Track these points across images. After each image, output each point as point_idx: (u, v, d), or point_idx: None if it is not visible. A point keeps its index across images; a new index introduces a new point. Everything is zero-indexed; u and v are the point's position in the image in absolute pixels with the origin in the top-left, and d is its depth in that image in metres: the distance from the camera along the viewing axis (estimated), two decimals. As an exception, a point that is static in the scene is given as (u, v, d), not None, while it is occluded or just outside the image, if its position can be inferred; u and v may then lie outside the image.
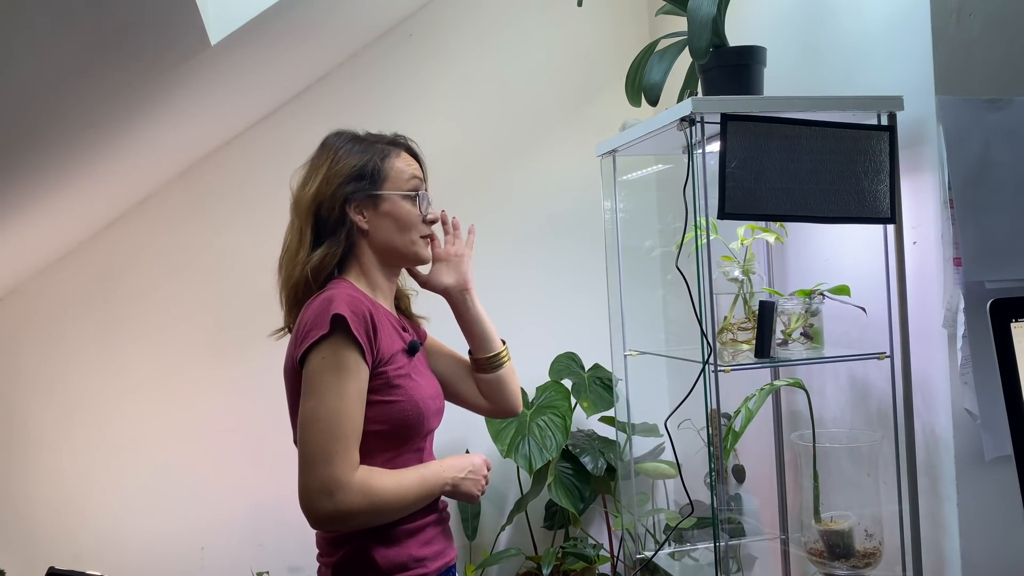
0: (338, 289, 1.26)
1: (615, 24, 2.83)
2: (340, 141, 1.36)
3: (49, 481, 2.45)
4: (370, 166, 1.32)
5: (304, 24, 2.10)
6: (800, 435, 1.76)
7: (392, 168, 1.34)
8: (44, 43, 1.33)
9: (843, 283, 1.70)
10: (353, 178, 1.31)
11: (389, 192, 1.33)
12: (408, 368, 1.30)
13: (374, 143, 1.37)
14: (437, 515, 1.36)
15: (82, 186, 2.14)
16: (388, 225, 1.33)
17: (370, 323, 1.23)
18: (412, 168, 1.38)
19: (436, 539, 1.34)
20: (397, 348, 1.30)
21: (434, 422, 1.35)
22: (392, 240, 1.34)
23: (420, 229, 1.37)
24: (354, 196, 1.31)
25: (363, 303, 1.24)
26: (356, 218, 1.32)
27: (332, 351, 1.19)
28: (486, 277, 2.75)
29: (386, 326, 1.30)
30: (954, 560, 1.57)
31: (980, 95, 1.58)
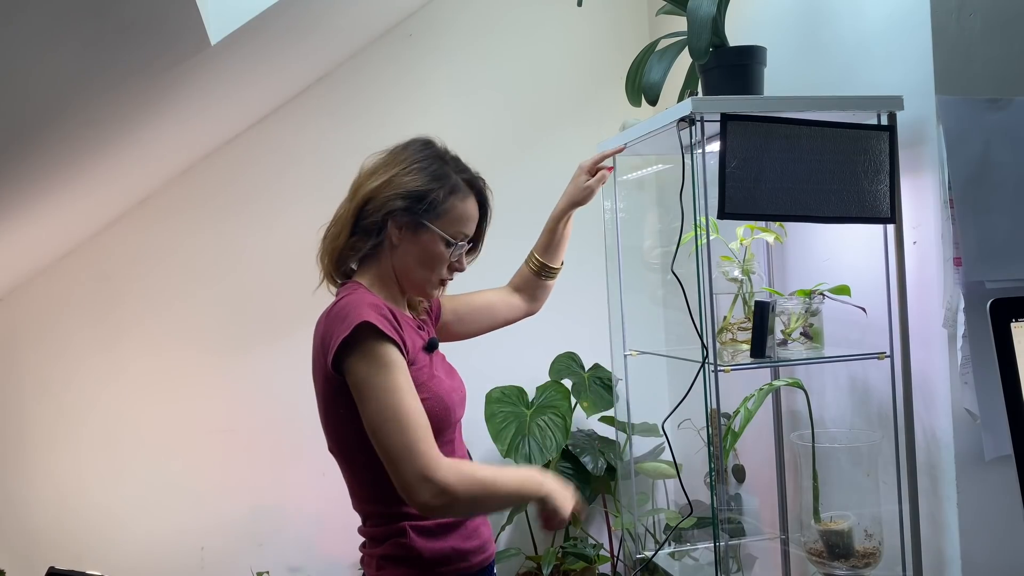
0: (355, 296, 1.27)
1: (615, 24, 2.83)
2: (423, 153, 1.36)
3: (49, 481, 2.45)
4: (432, 195, 1.31)
5: (304, 24, 2.10)
6: (800, 435, 1.76)
7: (452, 208, 1.34)
8: (44, 43, 1.33)
9: (843, 283, 1.70)
10: (413, 197, 1.31)
11: (436, 229, 1.32)
12: (431, 365, 1.32)
13: (452, 173, 1.36)
14: None
15: (82, 186, 2.14)
16: (415, 254, 1.33)
17: (394, 319, 1.25)
18: (469, 220, 1.37)
19: (478, 533, 1.35)
20: (419, 346, 1.32)
21: (459, 411, 1.37)
22: (411, 268, 1.34)
23: (441, 272, 1.36)
24: (403, 212, 1.31)
25: (386, 305, 1.27)
26: (393, 232, 1.32)
27: (371, 354, 1.20)
28: (486, 277, 2.76)
29: (407, 326, 1.32)
30: (954, 560, 1.57)
31: (980, 95, 1.58)
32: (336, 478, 1.37)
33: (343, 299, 1.27)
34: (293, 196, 2.60)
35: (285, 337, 2.55)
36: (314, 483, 2.51)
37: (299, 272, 2.52)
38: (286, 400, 2.51)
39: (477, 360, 1.79)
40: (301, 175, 2.61)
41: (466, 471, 1.20)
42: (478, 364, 1.74)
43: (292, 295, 2.53)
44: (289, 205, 2.60)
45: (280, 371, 2.55)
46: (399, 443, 1.16)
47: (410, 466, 1.16)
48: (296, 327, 2.52)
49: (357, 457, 1.27)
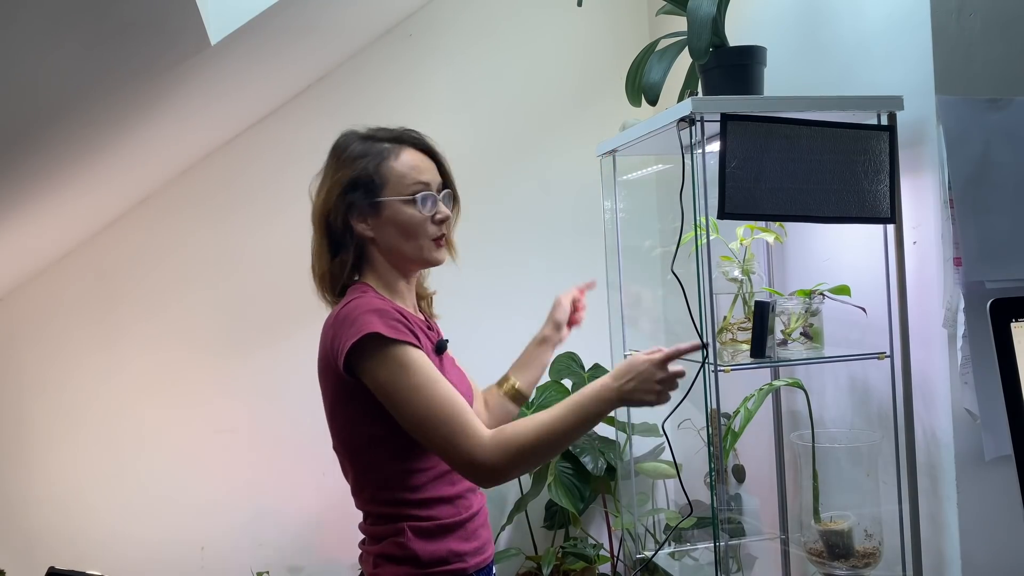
0: (362, 298, 1.26)
1: (615, 24, 2.83)
2: (345, 143, 1.36)
3: (49, 481, 2.45)
4: (365, 174, 1.30)
5: (304, 24, 2.10)
6: (800, 435, 1.76)
7: (391, 172, 1.31)
8: (44, 43, 1.33)
9: (843, 283, 1.70)
10: (350, 187, 1.30)
11: (389, 198, 1.30)
12: (440, 367, 1.30)
13: (378, 141, 1.35)
14: (479, 508, 1.37)
15: (82, 186, 2.14)
16: (392, 232, 1.31)
17: (404, 319, 1.24)
18: (415, 170, 1.33)
19: (477, 534, 1.34)
20: (428, 348, 1.30)
21: None
22: (399, 246, 1.32)
23: (428, 231, 1.33)
24: (355, 205, 1.30)
25: (390, 304, 1.26)
26: (359, 227, 1.31)
27: (387, 358, 1.19)
28: (486, 277, 2.76)
29: (417, 327, 1.30)
30: (954, 560, 1.57)
31: (980, 95, 1.58)
32: (336, 478, 1.37)
33: (350, 302, 1.26)
34: (293, 196, 2.57)
35: (285, 337, 2.55)
36: (314, 483, 2.51)
37: (299, 272, 2.52)
38: (286, 400, 2.51)
39: (477, 360, 1.79)
40: (301, 175, 2.57)
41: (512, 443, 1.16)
42: (478, 364, 1.73)
43: (292, 295, 2.52)
44: (289, 205, 2.59)
45: (280, 371, 2.55)
46: (439, 440, 1.18)
47: (455, 458, 1.18)
48: (296, 327, 2.52)
49: (361, 457, 1.27)
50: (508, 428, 1.19)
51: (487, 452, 1.16)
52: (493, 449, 1.17)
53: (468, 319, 2.67)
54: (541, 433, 1.18)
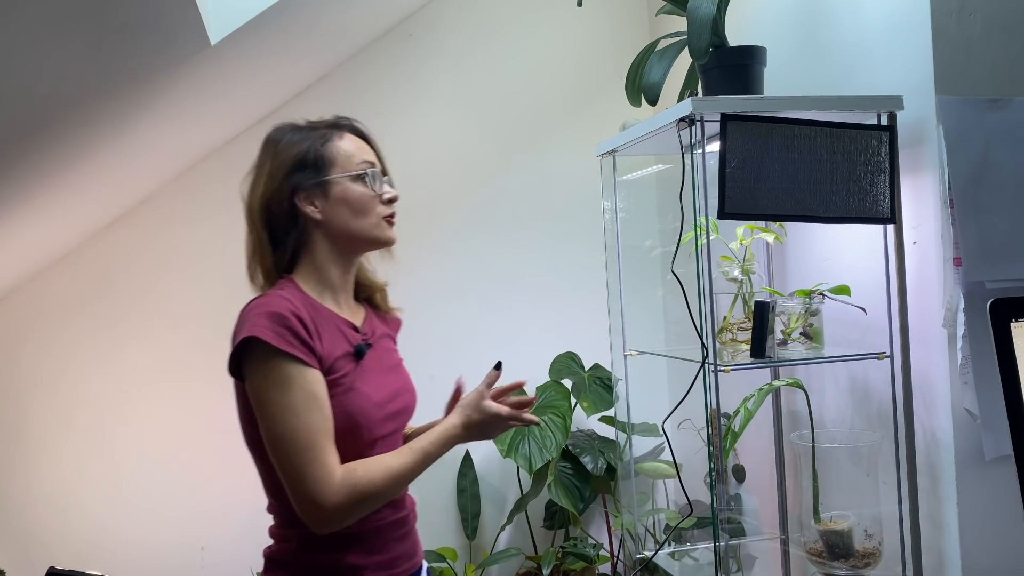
0: (267, 297, 1.20)
1: (615, 24, 2.83)
2: (279, 134, 1.31)
3: (49, 481, 2.45)
4: (312, 152, 1.26)
5: (304, 24, 2.10)
6: (800, 435, 1.76)
7: (338, 151, 1.27)
8: (44, 43, 1.33)
9: (843, 283, 1.70)
10: (297, 167, 1.25)
11: (338, 176, 1.26)
12: (352, 375, 1.22)
13: (315, 129, 1.31)
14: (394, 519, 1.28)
15: (82, 186, 2.14)
16: (343, 211, 1.26)
17: (302, 326, 1.16)
18: (360, 150, 1.30)
19: (386, 547, 1.26)
20: (339, 352, 1.22)
21: (383, 428, 1.25)
22: (349, 226, 1.27)
23: (379, 210, 1.29)
24: (302, 186, 1.24)
25: (294, 307, 1.18)
26: (307, 208, 1.25)
27: (266, 368, 1.14)
28: (486, 277, 2.76)
29: (329, 329, 1.23)
30: (954, 560, 1.57)
31: (980, 95, 1.58)
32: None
33: (257, 299, 1.21)
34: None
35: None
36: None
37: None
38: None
39: (476, 360, 1.79)
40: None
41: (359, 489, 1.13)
42: (477, 364, 1.73)
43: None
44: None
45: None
46: (291, 466, 1.12)
47: (302, 490, 1.12)
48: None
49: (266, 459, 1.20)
50: (359, 472, 1.15)
51: (333, 496, 1.12)
52: (339, 494, 1.12)
53: (468, 318, 2.68)
54: (389, 482, 1.16)
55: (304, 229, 1.26)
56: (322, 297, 1.28)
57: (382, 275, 1.45)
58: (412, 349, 1.53)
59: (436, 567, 2.47)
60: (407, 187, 2.67)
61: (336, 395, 1.19)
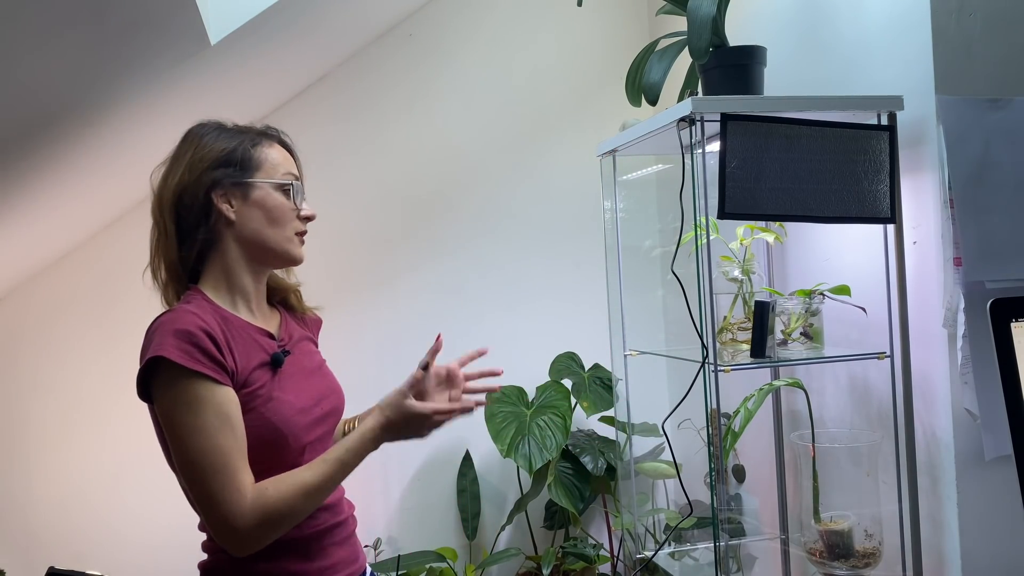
0: (173, 312, 1.14)
1: (615, 24, 2.83)
2: (204, 130, 1.26)
3: (49, 481, 2.45)
4: (239, 152, 1.22)
5: (304, 24, 2.10)
6: (800, 435, 1.76)
7: (265, 157, 1.24)
8: (44, 43, 1.33)
9: (843, 283, 1.70)
10: (221, 163, 1.21)
11: (261, 180, 1.22)
12: (270, 385, 1.19)
13: (243, 132, 1.28)
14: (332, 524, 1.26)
15: (82, 186, 2.14)
16: (258, 217, 1.21)
17: (211, 342, 1.11)
18: (287, 161, 1.28)
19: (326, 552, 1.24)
20: (255, 363, 1.18)
21: (310, 433, 1.22)
22: (262, 234, 1.22)
23: (294, 225, 1.25)
24: (221, 182, 1.20)
25: (203, 322, 1.12)
26: (223, 206, 1.20)
27: (173, 389, 1.09)
28: (486, 277, 2.76)
29: (242, 340, 1.19)
30: (954, 560, 1.57)
31: (980, 95, 1.58)
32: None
33: (162, 315, 1.15)
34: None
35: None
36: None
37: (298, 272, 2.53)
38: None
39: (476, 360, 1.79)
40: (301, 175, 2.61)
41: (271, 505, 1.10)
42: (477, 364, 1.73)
43: (292, 295, 2.53)
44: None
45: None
46: (201, 490, 1.09)
47: (213, 514, 1.09)
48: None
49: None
50: (270, 491, 1.10)
51: (243, 518, 1.08)
52: (250, 516, 1.08)
53: (468, 318, 2.68)
54: (302, 498, 1.12)
55: (214, 227, 1.21)
56: (234, 306, 1.23)
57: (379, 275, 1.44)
58: (412, 349, 1.53)
59: (436, 567, 2.47)
60: (407, 187, 2.69)
61: (256, 407, 1.16)
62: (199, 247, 1.21)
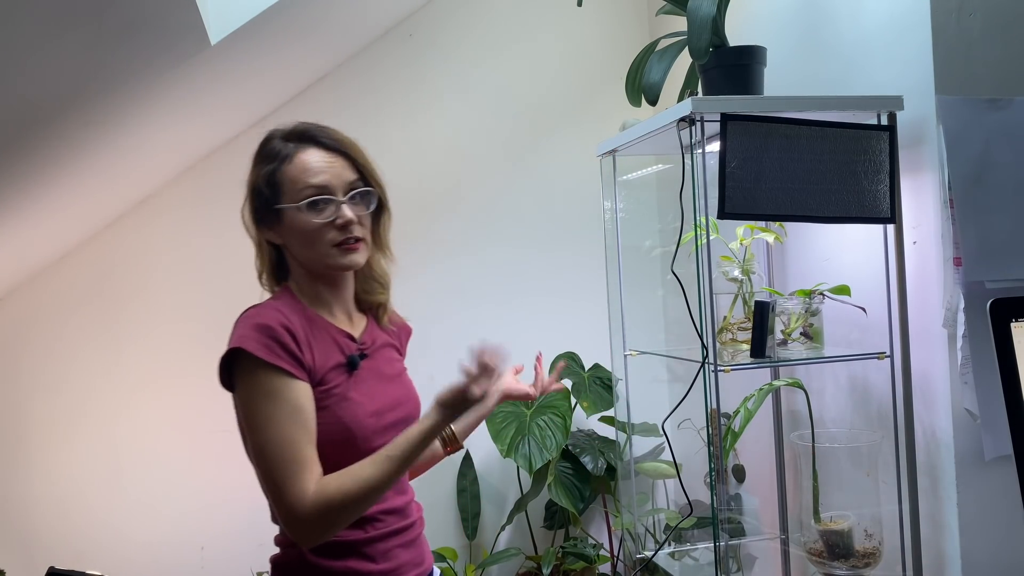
0: (259, 307, 1.21)
1: (615, 24, 2.83)
2: (262, 146, 1.29)
3: (49, 481, 2.45)
4: (263, 181, 1.24)
5: (304, 24, 2.10)
6: (800, 435, 1.76)
7: (284, 178, 1.22)
8: (44, 42, 1.34)
9: (843, 283, 1.70)
10: (255, 194, 1.25)
11: (285, 206, 1.22)
12: (345, 386, 1.21)
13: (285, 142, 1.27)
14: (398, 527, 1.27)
15: (82, 186, 2.14)
16: (295, 239, 1.24)
17: (291, 338, 1.16)
18: (308, 173, 1.22)
19: (390, 554, 1.25)
20: (332, 363, 1.22)
21: (382, 438, 1.23)
22: (303, 253, 1.25)
23: (329, 238, 1.22)
24: (258, 212, 1.25)
25: (284, 318, 1.17)
26: (268, 235, 1.26)
27: (252, 380, 1.15)
28: (486, 277, 2.76)
29: (322, 339, 1.22)
30: (954, 560, 1.57)
31: (980, 95, 1.58)
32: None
33: (249, 310, 1.22)
34: (293, 196, 2.60)
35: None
36: (314, 483, 2.51)
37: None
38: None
39: (476, 360, 1.78)
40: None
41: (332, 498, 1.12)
42: (477, 364, 1.73)
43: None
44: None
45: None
46: (270, 479, 1.13)
47: (279, 505, 1.12)
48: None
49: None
50: (332, 486, 1.13)
51: (306, 510, 1.11)
52: (312, 509, 1.11)
53: (467, 318, 2.68)
54: (364, 492, 1.14)
55: (274, 250, 1.29)
56: (316, 306, 1.27)
57: None
58: (412, 349, 1.53)
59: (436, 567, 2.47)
60: (407, 187, 2.68)
61: (329, 406, 1.19)
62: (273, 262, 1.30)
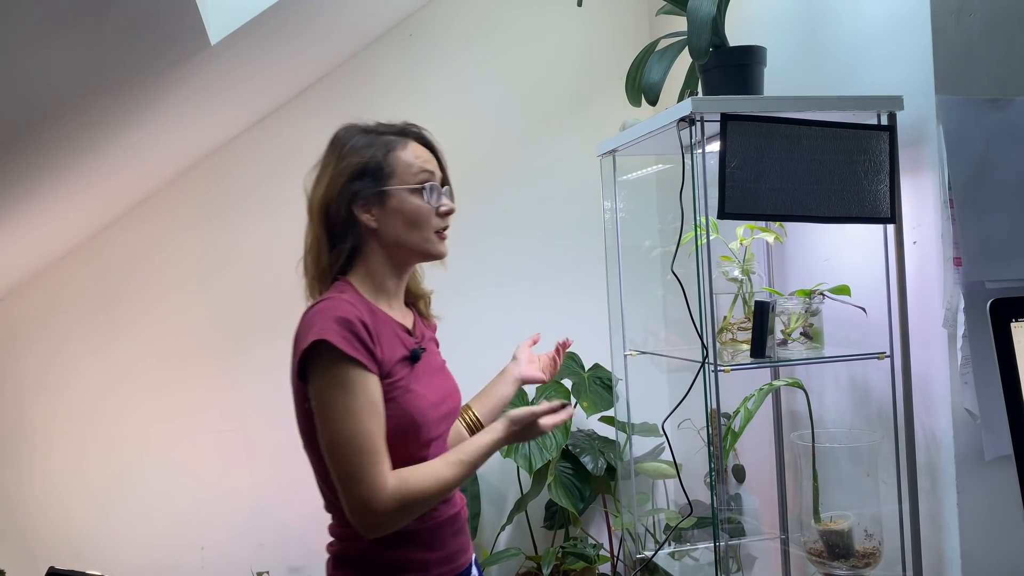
0: (332, 300, 1.22)
1: (615, 24, 2.83)
2: (347, 136, 1.32)
3: (49, 481, 2.45)
4: (373, 162, 1.27)
5: (304, 24, 2.10)
6: (800, 435, 1.76)
7: (398, 162, 1.29)
8: (44, 42, 1.33)
9: (843, 283, 1.70)
10: (357, 175, 1.27)
11: (395, 187, 1.27)
12: (408, 378, 1.25)
13: (381, 135, 1.32)
14: (449, 516, 1.32)
15: (82, 186, 2.14)
16: (397, 222, 1.28)
17: (366, 332, 1.19)
18: (421, 160, 1.31)
19: (445, 542, 1.30)
20: (397, 357, 1.25)
21: (438, 428, 1.30)
22: (402, 237, 1.28)
23: (433, 224, 1.30)
24: (360, 193, 1.26)
25: (359, 312, 1.20)
26: (364, 217, 1.27)
27: (331, 372, 1.16)
28: (486, 277, 2.76)
29: (387, 334, 1.26)
30: (954, 560, 1.57)
31: (980, 95, 1.58)
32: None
33: (319, 303, 1.23)
34: (293, 196, 2.56)
35: (285, 336, 2.51)
36: (314, 483, 2.50)
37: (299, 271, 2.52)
38: (286, 399, 2.48)
39: (476, 360, 1.79)
40: (301, 175, 2.58)
41: (410, 498, 1.17)
42: (477, 363, 1.74)
43: (292, 294, 2.51)
44: (289, 205, 2.57)
45: (280, 370, 2.51)
46: (348, 469, 1.15)
47: (356, 493, 1.15)
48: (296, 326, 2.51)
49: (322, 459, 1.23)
50: (411, 480, 1.17)
51: (385, 502, 1.14)
52: (391, 501, 1.15)
53: (467, 318, 2.68)
54: (438, 491, 1.20)
55: (361, 235, 1.29)
56: (377, 299, 1.30)
57: None
58: (412, 349, 1.53)
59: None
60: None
61: (395, 398, 1.22)
62: (347, 253, 1.29)
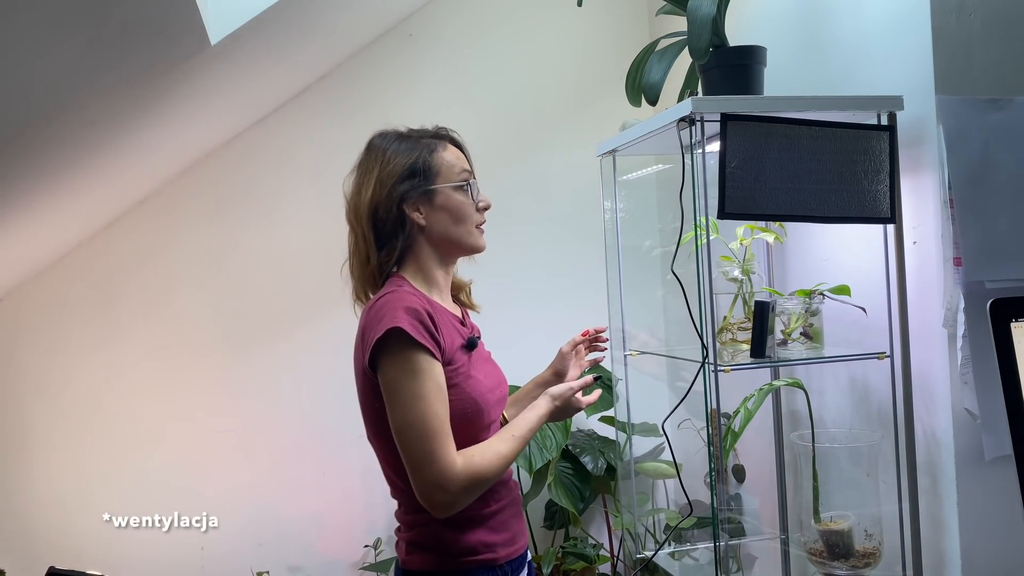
0: (396, 292, 1.28)
1: (615, 24, 2.83)
2: (386, 142, 1.40)
3: (49, 481, 2.45)
4: (420, 162, 1.36)
5: (304, 24, 2.10)
6: (800, 435, 1.76)
7: (442, 162, 1.38)
8: (44, 42, 1.33)
9: (843, 283, 1.70)
10: (406, 176, 1.35)
11: (442, 186, 1.37)
12: (467, 365, 1.33)
13: (419, 139, 1.41)
14: (509, 500, 1.39)
15: (82, 186, 2.14)
16: (444, 218, 1.37)
17: (430, 321, 1.26)
18: (460, 160, 1.42)
19: (507, 525, 1.37)
20: (457, 345, 1.33)
21: (495, 412, 1.38)
22: (449, 232, 1.37)
23: (474, 218, 1.40)
24: (410, 194, 1.34)
25: (421, 303, 1.27)
26: (414, 215, 1.35)
27: (402, 358, 1.22)
28: (486, 276, 2.75)
29: (446, 324, 1.33)
30: (954, 560, 1.57)
31: (980, 95, 1.58)
32: (336, 477, 1.38)
33: (384, 296, 1.29)
34: (293, 196, 2.60)
35: (285, 336, 2.55)
36: (314, 483, 2.51)
37: (299, 271, 2.52)
38: (286, 399, 2.51)
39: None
40: (301, 175, 2.61)
41: (478, 476, 1.24)
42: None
43: (292, 294, 2.53)
44: (289, 205, 2.60)
45: (280, 370, 2.54)
46: (419, 451, 1.21)
47: (427, 474, 1.21)
48: (296, 326, 2.52)
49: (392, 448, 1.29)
50: (477, 458, 1.25)
51: (456, 481, 1.21)
52: (461, 479, 1.22)
53: (468, 319, 2.68)
54: (501, 466, 1.28)
55: (410, 233, 1.36)
56: (430, 291, 1.38)
57: None
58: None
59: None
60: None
61: (458, 383, 1.29)
62: (400, 250, 1.36)
